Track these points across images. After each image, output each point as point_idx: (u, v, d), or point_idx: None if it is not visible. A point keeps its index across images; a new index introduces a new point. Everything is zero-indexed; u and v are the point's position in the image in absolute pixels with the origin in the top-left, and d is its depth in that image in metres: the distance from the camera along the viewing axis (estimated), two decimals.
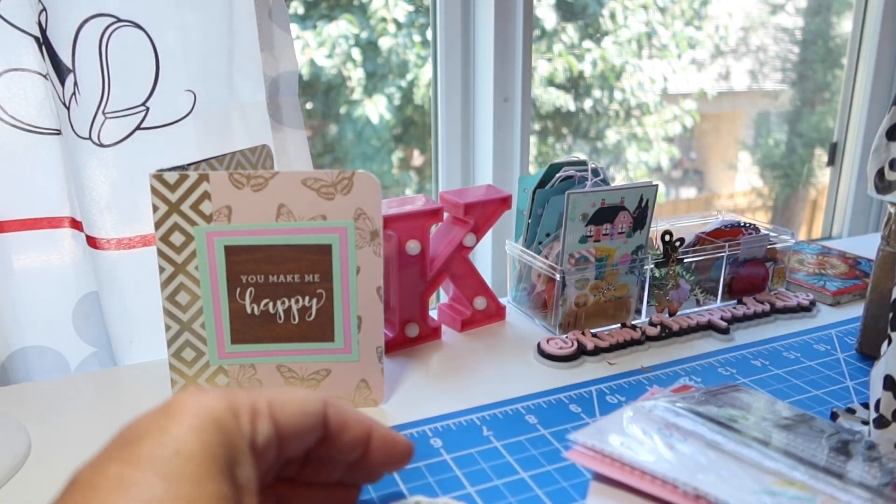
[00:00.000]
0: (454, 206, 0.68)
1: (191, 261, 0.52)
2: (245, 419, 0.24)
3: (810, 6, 1.74)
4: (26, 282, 0.68)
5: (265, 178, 0.51)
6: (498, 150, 1.01)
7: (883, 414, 0.48)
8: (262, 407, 0.25)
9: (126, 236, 0.65)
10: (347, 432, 0.28)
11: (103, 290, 0.67)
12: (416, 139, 1.57)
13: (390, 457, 0.30)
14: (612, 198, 0.67)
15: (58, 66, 0.60)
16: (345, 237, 0.52)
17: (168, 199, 0.50)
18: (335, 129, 1.47)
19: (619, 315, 0.73)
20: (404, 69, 1.46)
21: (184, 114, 0.65)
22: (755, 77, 1.83)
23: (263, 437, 0.24)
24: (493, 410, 0.57)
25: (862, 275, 0.84)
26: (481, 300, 0.72)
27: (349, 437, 0.28)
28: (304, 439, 0.27)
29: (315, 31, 1.41)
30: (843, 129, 1.47)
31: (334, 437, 0.28)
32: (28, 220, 0.67)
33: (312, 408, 0.27)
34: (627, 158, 1.81)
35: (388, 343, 0.66)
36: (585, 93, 1.70)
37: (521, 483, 0.48)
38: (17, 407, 0.56)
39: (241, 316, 0.54)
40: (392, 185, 1.53)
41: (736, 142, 1.99)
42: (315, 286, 0.53)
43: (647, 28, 1.72)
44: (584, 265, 0.68)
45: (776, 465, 0.44)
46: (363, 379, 0.56)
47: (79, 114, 0.61)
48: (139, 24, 0.61)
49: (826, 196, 1.54)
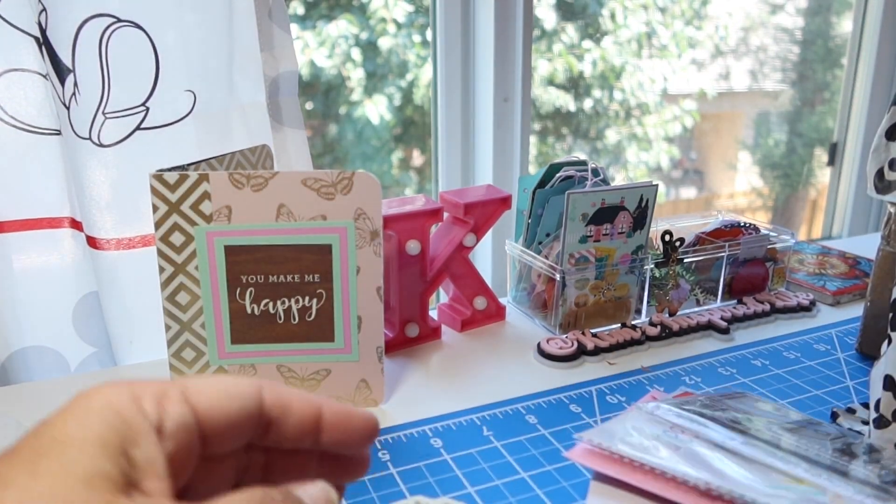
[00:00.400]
0: (454, 206, 0.68)
1: (191, 261, 0.52)
2: (149, 403, 0.24)
3: (810, 6, 1.74)
4: (26, 282, 0.68)
5: (265, 178, 0.51)
6: (498, 150, 1.01)
7: (883, 414, 0.48)
8: (174, 392, 0.25)
9: (126, 236, 0.65)
10: (292, 414, 0.27)
11: (103, 290, 0.67)
12: (416, 139, 1.57)
13: (349, 432, 0.28)
14: (612, 198, 0.67)
15: (58, 66, 0.60)
16: (345, 237, 0.52)
17: (168, 199, 0.50)
18: (335, 129, 1.47)
19: (619, 315, 0.73)
20: (404, 69, 1.46)
21: (184, 114, 0.65)
22: (755, 77, 1.83)
23: (174, 419, 0.24)
24: (493, 410, 0.56)
25: (862, 275, 0.84)
26: (481, 300, 0.72)
27: (295, 418, 0.27)
28: (238, 424, 0.26)
29: (315, 31, 1.41)
30: (843, 129, 1.47)
31: (279, 420, 0.27)
32: (28, 220, 0.67)
33: (240, 391, 0.26)
34: (627, 158, 1.81)
35: (388, 343, 0.66)
36: (585, 93, 1.69)
37: (521, 483, 0.47)
38: (17, 407, 0.56)
39: (241, 316, 0.54)
40: (392, 185, 1.53)
41: (736, 142, 1.99)
42: (315, 286, 0.53)
43: (647, 28, 1.71)
44: (584, 265, 0.68)
45: (784, 464, 0.44)
46: (363, 379, 0.56)
47: (79, 114, 0.61)
48: (139, 24, 0.61)
49: (826, 196, 1.54)
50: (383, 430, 0.54)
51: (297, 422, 0.27)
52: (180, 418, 0.24)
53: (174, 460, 0.24)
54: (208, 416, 0.25)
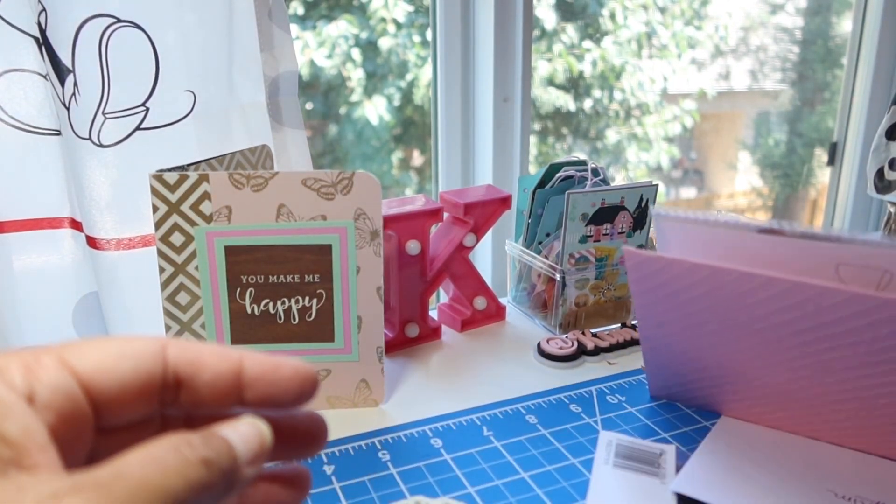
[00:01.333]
0: (454, 206, 0.68)
1: (191, 261, 0.52)
2: (16, 375, 0.21)
3: (810, 6, 1.74)
4: (26, 282, 0.68)
5: (265, 179, 0.51)
6: (498, 150, 1.01)
7: None
8: (48, 358, 0.22)
9: (126, 236, 0.65)
10: (204, 370, 0.24)
11: (103, 290, 0.67)
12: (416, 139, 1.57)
13: (276, 385, 0.24)
14: (612, 198, 0.67)
15: (58, 66, 0.60)
16: (345, 237, 0.52)
17: (168, 200, 0.50)
18: (335, 130, 1.47)
19: (619, 315, 0.73)
20: (404, 69, 1.46)
21: (184, 114, 0.65)
22: (755, 77, 1.83)
23: (49, 385, 0.21)
24: (493, 410, 0.56)
25: None
26: (481, 300, 0.72)
27: (208, 375, 0.24)
28: (135, 387, 0.23)
29: (315, 32, 1.41)
30: (843, 128, 1.47)
31: (189, 380, 0.24)
32: (28, 220, 0.67)
33: (133, 350, 0.23)
34: (627, 158, 1.81)
35: (388, 343, 0.66)
36: (585, 93, 1.70)
37: (521, 483, 0.47)
38: None
39: (241, 316, 0.54)
40: (392, 185, 1.53)
41: (736, 142, 1.99)
42: (315, 286, 0.53)
43: (647, 28, 1.71)
44: (584, 265, 0.68)
45: None
46: (363, 379, 0.56)
47: (79, 114, 0.61)
48: (139, 24, 0.61)
49: (826, 196, 1.54)
50: (383, 430, 0.54)
51: (212, 379, 0.24)
52: (57, 385, 0.21)
53: (58, 431, 0.21)
54: (95, 381, 0.22)
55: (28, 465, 0.20)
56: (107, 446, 0.24)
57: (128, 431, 0.24)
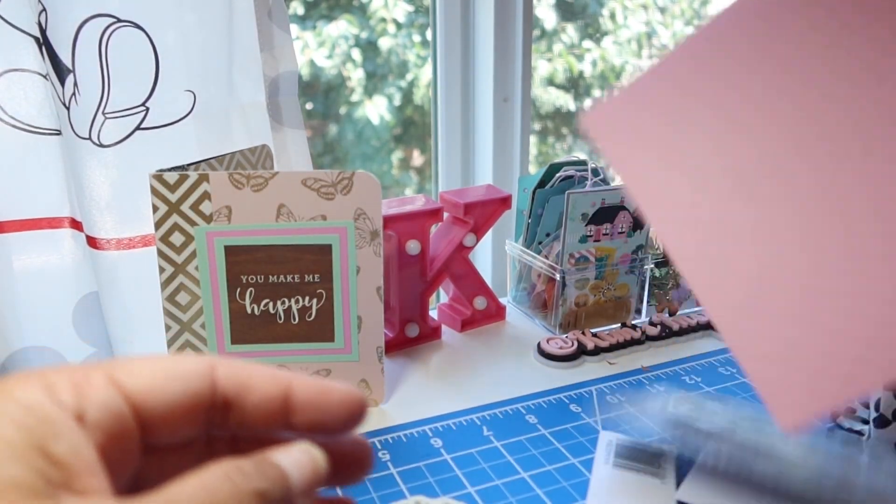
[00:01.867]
0: (454, 206, 0.68)
1: (191, 261, 0.52)
2: (64, 392, 0.21)
3: None
4: (26, 282, 0.68)
5: (265, 179, 0.51)
6: (498, 150, 1.01)
7: (883, 413, 0.48)
8: (98, 375, 0.22)
9: (126, 236, 0.65)
10: (253, 391, 0.24)
11: (103, 290, 0.67)
12: (416, 139, 1.57)
13: (325, 411, 0.24)
14: (612, 197, 0.67)
15: (58, 66, 0.60)
16: (345, 237, 0.52)
17: (168, 200, 0.50)
18: (335, 130, 1.47)
19: (619, 315, 0.73)
20: (404, 69, 1.46)
21: (184, 114, 0.65)
22: None
23: (99, 405, 0.21)
24: (493, 410, 0.57)
25: None
26: (481, 300, 0.72)
27: (257, 396, 0.23)
28: (184, 407, 0.23)
29: (315, 32, 1.41)
30: None
31: (237, 401, 0.23)
32: (28, 220, 0.67)
33: (184, 370, 0.23)
34: None
35: (388, 343, 0.66)
36: (585, 93, 1.70)
37: (521, 483, 0.48)
38: None
39: (242, 316, 0.54)
40: (392, 185, 1.53)
41: None
42: (315, 286, 0.53)
43: (647, 28, 1.72)
44: (584, 265, 0.68)
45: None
46: (363, 379, 0.56)
47: (79, 114, 0.61)
48: (139, 24, 0.61)
49: None
50: (383, 430, 0.54)
51: (260, 401, 0.24)
52: (106, 404, 0.21)
53: (107, 452, 0.21)
54: (144, 400, 0.22)
55: (79, 488, 0.19)
56: (151, 466, 0.23)
57: (173, 451, 0.24)
